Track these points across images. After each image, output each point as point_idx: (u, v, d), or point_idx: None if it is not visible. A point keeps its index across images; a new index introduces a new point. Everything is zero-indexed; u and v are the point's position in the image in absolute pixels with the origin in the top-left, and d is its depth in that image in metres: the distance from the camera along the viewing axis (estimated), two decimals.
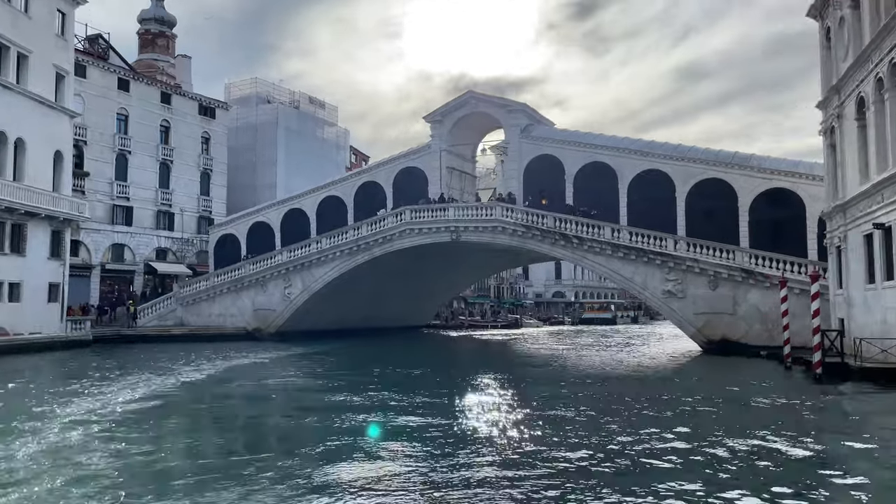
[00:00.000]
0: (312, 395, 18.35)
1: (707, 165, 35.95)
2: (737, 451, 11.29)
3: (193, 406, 16.97)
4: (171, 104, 52.46)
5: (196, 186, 53.88)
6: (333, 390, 19.05)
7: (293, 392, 19.46)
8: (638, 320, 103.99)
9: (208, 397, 18.43)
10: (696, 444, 11.74)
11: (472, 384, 21.00)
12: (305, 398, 17.97)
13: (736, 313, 31.99)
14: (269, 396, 18.84)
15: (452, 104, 42.88)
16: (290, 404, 17.07)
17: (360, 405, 16.11)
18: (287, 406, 16.87)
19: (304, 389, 19.98)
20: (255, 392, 19.49)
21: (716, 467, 10.20)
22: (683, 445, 11.77)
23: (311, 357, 30.97)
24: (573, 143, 39.55)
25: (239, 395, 19.22)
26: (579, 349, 38.94)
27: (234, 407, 17.08)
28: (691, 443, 11.93)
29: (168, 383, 20.23)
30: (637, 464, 10.48)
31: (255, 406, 17.08)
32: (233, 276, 44.93)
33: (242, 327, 44.22)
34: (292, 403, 17.11)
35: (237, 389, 20.14)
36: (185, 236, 52.80)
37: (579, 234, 35.53)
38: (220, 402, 17.79)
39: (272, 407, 16.96)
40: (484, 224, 38.09)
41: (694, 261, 32.72)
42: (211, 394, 18.96)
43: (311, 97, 65.93)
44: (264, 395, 18.91)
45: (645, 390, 19.92)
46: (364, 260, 41.47)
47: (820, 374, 19.92)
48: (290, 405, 16.90)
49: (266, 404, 17.43)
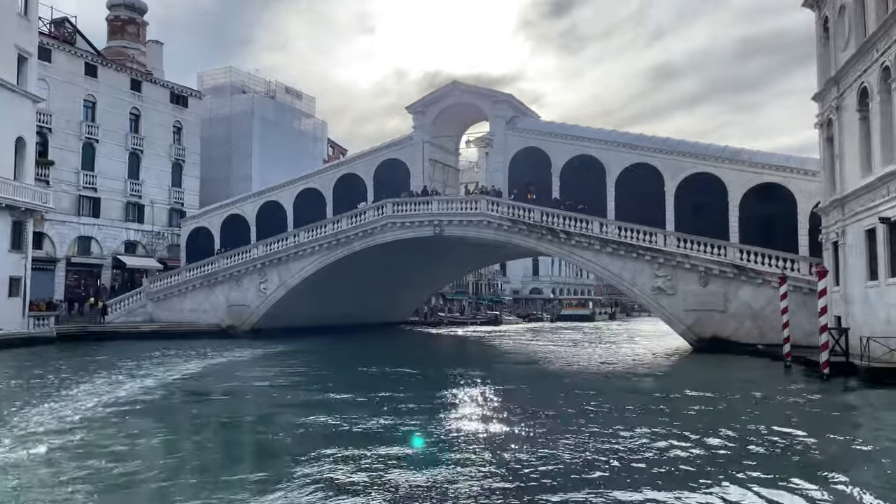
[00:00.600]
0: (299, 400, 16.79)
1: (697, 159, 35.16)
2: (758, 457, 10.34)
3: (166, 414, 15.30)
4: (142, 92, 50.44)
5: (167, 177, 51.92)
6: (321, 395, 17.54)
7: (278, 397, 17.76)
8: (615, 317, 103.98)
9: (183, 403, 16.87)
10: (712, 453, 10.76)
11: (467, 386, 19.84)
12: (292, 404, 16.32)
13: (727, 310, 31.25)
14: (250, 402, 17.22)
15: (435, 94, 41.61)
16: (276, 412, 15.42)
17: (354, 412, 14.83)
18: (273, 413, 15.25)
19: (289, 393, 18.34)
20: (235, 398, 17.79)
21: (736, 477, 9.21)
22: (701, 452, 10.79)
23: (291, 356, 29.51)
24: (560, 136, 38.53)
25: (218, 400, 17.51)
26: (565, 347, 38.01)
27: (213, 415, 15.35)
28: (708, 450, 10.95)
29: (136, 387, 18.51)
30: (653, 475, 9.44)
31: (237, 413, 15.47)
32: (206, 270, 43.24)
33: (216, 324, 42.59)
34: (279, 411, 15.44)
35: (216, 396, 18.30)
36: (156, 229, 50.85)
37: (567, 229, 34.54)
38: (198, 409, 16.16)
39: (255, 413, 15.47)
40: (469, 218, 36.92)
41: (685, 256, 31.92)
42: (186, 399, 17.34)
43: (288, 87, 64.18)
44: (246, 402, 17.27)
45: (647, 393, 18.94)
46: (343, 254, 40.09)
47: (827, 374, 19.09)
48: (276, 413, 15.27)
49: (249, 410, 15.88)
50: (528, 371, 25.40)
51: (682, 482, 9.07)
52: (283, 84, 63.82)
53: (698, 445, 11.30)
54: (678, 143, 36.40)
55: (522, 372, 25.22)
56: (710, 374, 23.76)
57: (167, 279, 44.53)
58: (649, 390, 19.33)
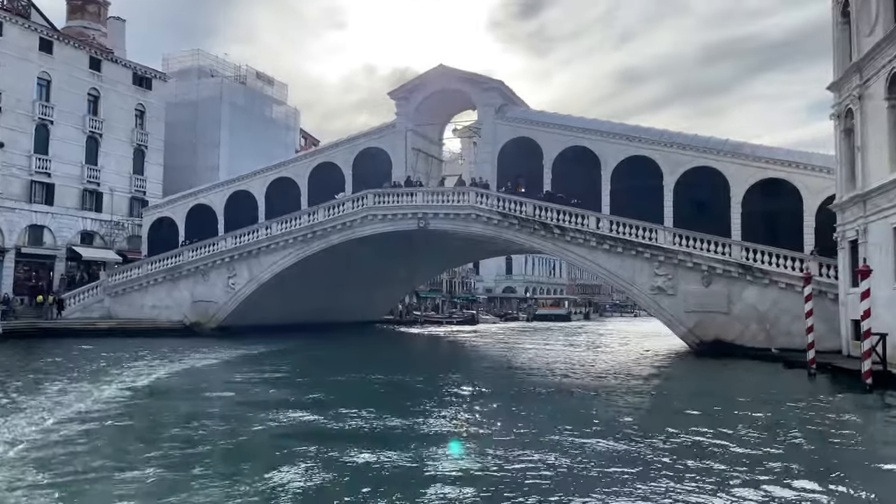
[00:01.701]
0: (288, 427, 13.25)
1: (697, 153, 33.38)
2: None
3: (122, 438, 12.29)
4: (102, 71, 47.00)
5: (128, 164, 48.54)
6: (311, 416, 14.33)
7: (264, 421, 13.59)
8: (589, 317, 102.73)
9: (146, 423, 13.77)
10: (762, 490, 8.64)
11: (467, 396, 17.56)
12: (282, 433, 12.62)
13: (730, 312, 29.49)
14: (228, 432, 12.59)
15: (420, 79, 39.14)
16: (264, 442, 11.90)
17: (359, 433, 12.36)
18: (261, 445, 11.71)
19: (273, 415, 14.34)
20: (207, 428, 13.02)
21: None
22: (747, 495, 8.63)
23: (266, 360, 26.64)
24: (553, 126, 36.43)
25: (189, 434, 12.68)
26: (553, 349, 35.99)
27: (186, 459, 10.79)
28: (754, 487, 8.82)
29: (87, 400, 15.39)
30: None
31: (212, 457, 11.01)
32: (169, 263, 40.23)
33: (179, 321, 39.65)
34: (268, 441, 11.94)
35: (184, 424, 13.58)
36: (115, 219, 47.46)
37: (561, 224, 32.47)
38: (165, 432, 12.82)
39: (241, 455, 11.29)
40: (456, 211, 34.61)
41: (686, 255, 30.07)
42: (147, 424, 13.71)
43: (259, 72, 61.00)
44: (223, 433, 12.65)
45: (661, 406, 16.86)
46: (320, 248, 37.48)
47: (870, 384, 17.23)
48: (265, 443, 11.88)
49: (229, 447, 11.57)
50: (529, 381, 23.20)
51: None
52: (253, 69, 60.67)
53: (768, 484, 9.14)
54: (677, 135, 34.61)
55: (513, 382, 23.02)
56: (725, 384, 21.80)
57: (127, 272, 41.41)
58: (668, 407, 17.19)
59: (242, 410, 14.43)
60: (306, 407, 14.76)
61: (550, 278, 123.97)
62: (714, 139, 34.09)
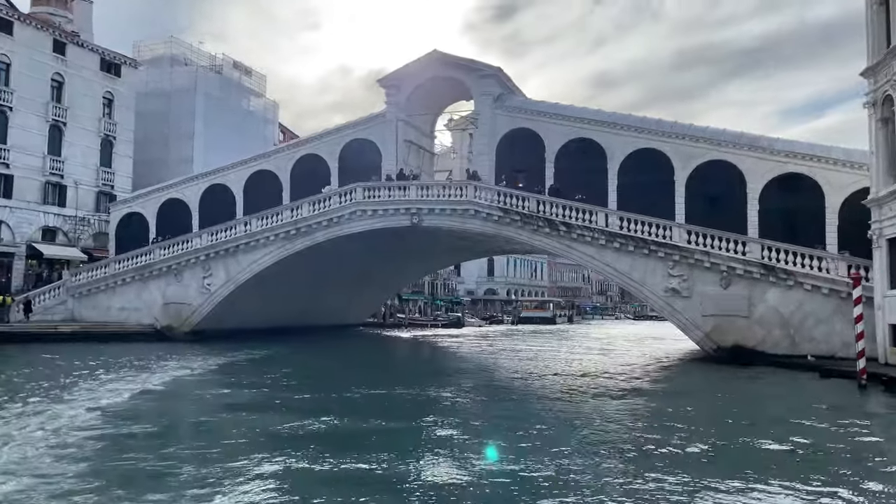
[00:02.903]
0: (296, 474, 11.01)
1: (711, 145, 31.32)
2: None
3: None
4: (66, 55, 43.74)
5: (95, 155, 45.29)
6: (320, 453, 11.36)
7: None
8: (572, 319, 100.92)
9: (107, 463, 10.69)
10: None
11: (490, 415, 15.08)
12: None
13: (751, 316, 27.39)
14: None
15: (413, 66, 36.49)
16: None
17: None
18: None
19: (269, 453, 11.29)
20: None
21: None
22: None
23: (244, 372, 23.58)
24: (556, 116, 34.11)
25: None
26: (556, 355, 33.68)
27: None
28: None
29: (24, 438, 11.79)
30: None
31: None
32: (139, 262, 37.15)
33: (149, 324, 36.63)
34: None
35: (157, 459, 10.71)
36: (81, 214, 44.18)
37: (567, 221, 30.14)
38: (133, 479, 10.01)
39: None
40: (452, 206, 32.11)
41: (704, 254, 27.92)
42: (109, 456, 10.76)
43: (236, 62, 57.90)
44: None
45: (701, 426, 14.56)
46: (304, 246, 34.72)
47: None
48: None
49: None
50: (539, 393, 20.80)
51: None
52: (230, 58, 57.54)
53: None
54: (689, 126, 32.53)
55: (532, 394, 20.61)
56: (778, 401, 19.55)
57: (92, 272, 38.22)
58: (708, 426, 14.90)
59: (224, 453, 11.31)
60: (306, 443, 11.79)
61: (532, 280, 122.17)
62: (729, 131, 32.08)
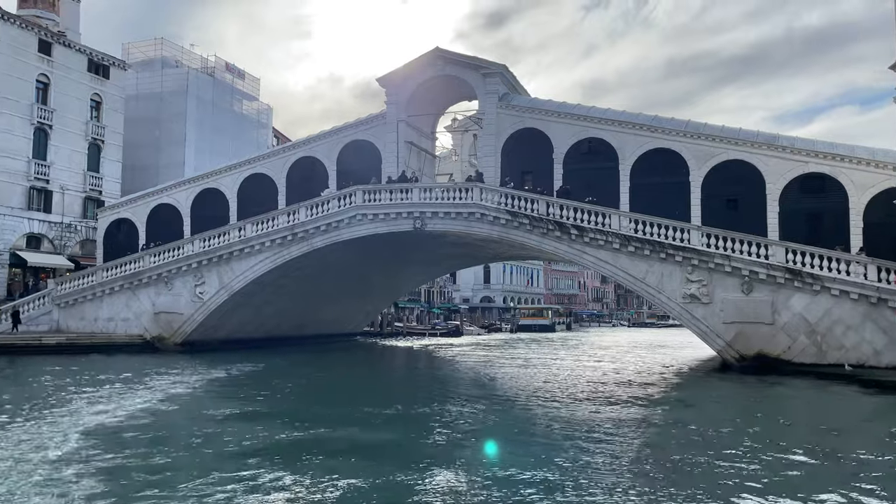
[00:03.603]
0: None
1: (728, 144, 29.98)
2: None
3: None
4: (52, 55, 42.11)
5: (82, 160, 43.59)
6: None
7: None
8: (570, 327, 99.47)
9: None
10: None
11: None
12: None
13: (775, 323, 25.99)
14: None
15: (414, 64, 34.97)
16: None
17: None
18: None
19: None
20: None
21: None
22: None
23: (241, 389, 21.49)
24: (564, 115, 32.68)
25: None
26: (570, 369, 32.21)
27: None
28: None
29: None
30: None
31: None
32: (128, 270, 35.47)
33: (139, 335, 34.97)
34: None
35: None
36: (67, 220, 42.47)
37: (579, 224, 28.70)
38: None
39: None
40: (457, 209, 30.61)
41: (724, 257, 26.52)
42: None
43: (229, 64, 56.34)
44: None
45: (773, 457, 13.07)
46: (301, 252, 33.14)
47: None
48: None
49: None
50: (573, 422, 19.28)
51: None
52: (223, 60, 55.98)
53: None
54: (704, 125, 31.18)
55: (554, 416, 19.09)
56: (830, 417, 18.10)
57: (79, 280, 36.48)
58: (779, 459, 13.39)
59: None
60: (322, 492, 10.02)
61: (528, 287, 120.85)
62: (745, 130, 30.79)
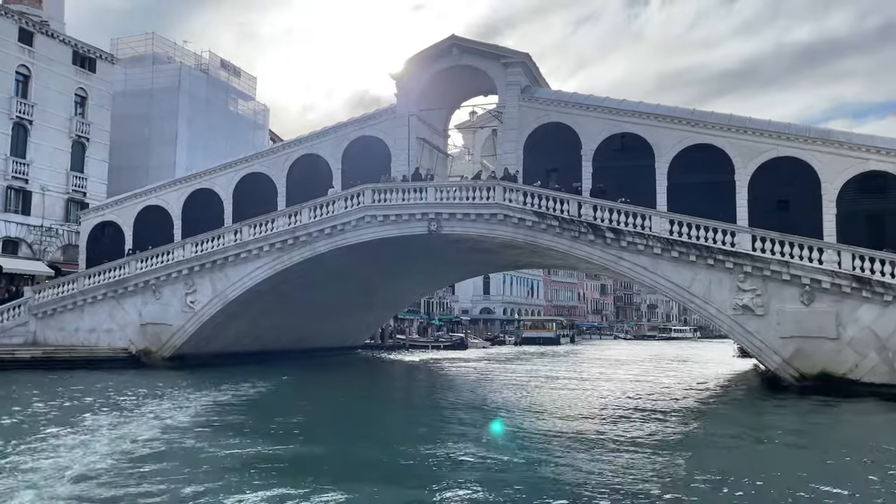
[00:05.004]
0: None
1: (778, 140, 27.23)
2: None
3: None
4: (34, 46, 39.11)
5: (65, 158, 40.50)
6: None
7: None
8: (574, 339, 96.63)
9: None
10: None
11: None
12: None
13: (840, 338, 23.12)
14: None
15: (427, 53, 32.10)
16: None
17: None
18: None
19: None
20: None
21: None
22: None
23: (241, 422, 17.83)
24: (594, 108, 29.85)
25: None
26: (592, 385, 29.29)
27: None
28: None
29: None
30: None
31: None
32: (112, 277, 32.35)
33: (123, 348, 31.86)
34: None
35: None
36: (48, 224, 39.30)
37: (615, 226, 25.81)
38: None
39: None
40: (478, 210, 27.67)
41: (782, 264, 23.66)
42: None
43: (224, 61, 53.42)
44: None
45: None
46: (303, 258, 30.13)
47: None
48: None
49: None
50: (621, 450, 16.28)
51: None
52: (217, 57, 53.05)
53: None
54: (749, 119, 28.44)
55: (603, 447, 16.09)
56: None
57: (58, 288, 33.32)
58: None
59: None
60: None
61: (528, 298, 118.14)
62: (795, 125, 28.13)
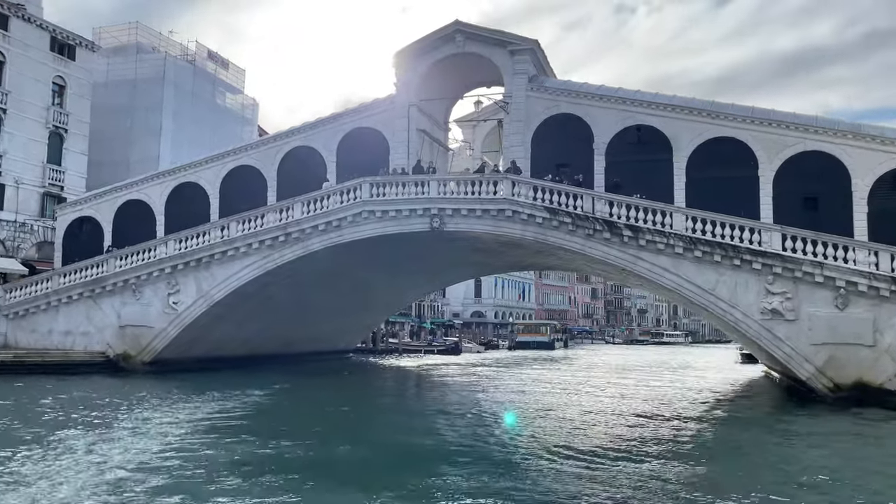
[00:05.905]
0: None
1: (805, 133, 25.57)
2: None
3: None
4: (9, 30, 36.87)
5: (41, 150, 38.21)
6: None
7: None
8: (567, 344, 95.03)
9: None
10: None
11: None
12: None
13: (877, 345, 21.47)
14: None
15: (429, 40, 30.15)
16: None
17: None
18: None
19: None
20: None
21: None
22: None
23: (259, 429, 15.85)
24: (607, 99, 28.04)
25: None
26: (604, 394, 27.50)
27: None
28: None
29: None
30: None
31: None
32: (89, 275, 30.22)
33: (100, 352, 29.80)
34: None
35: None
36: (21, 219, 36.96)
37: (633, 224, 24.02)
38: None
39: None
40: (484, 206, 25.77)
41: (815, 265, 21.96)
42: None
43: (212, 52, 51.23)
44: None
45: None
46: (295, 256, 28.13)
47: None
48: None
49: None
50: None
51: None
52: (204, 47, 50.88)
53: None
54: (772, 111, 26.72)
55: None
56: None
57: (31, 287, 31.15)
58: None
59: None
60: None
61: (520, 302, 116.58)
62: (822, 118, 26.46)
